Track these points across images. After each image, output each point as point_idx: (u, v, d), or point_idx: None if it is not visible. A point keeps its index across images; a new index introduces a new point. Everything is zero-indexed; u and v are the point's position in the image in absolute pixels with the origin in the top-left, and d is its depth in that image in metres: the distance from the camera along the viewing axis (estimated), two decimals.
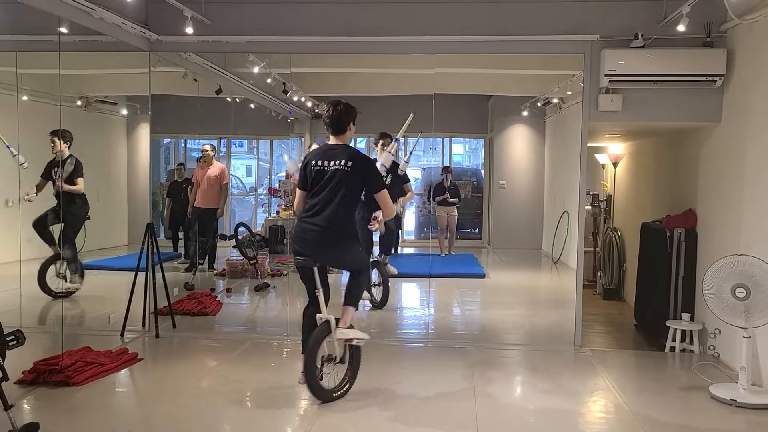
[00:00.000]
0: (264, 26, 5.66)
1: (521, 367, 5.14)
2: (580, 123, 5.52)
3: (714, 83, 5.19)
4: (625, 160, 8.32)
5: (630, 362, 5.56)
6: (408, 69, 7.21)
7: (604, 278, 8.23)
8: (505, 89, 8.98)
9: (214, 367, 4.99)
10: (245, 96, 8.33)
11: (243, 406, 4.14)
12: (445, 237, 9.43)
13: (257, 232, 8.75)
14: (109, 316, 5.84)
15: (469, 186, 10.69)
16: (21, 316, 5.02)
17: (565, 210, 8.14)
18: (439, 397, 4.27)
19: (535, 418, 4.04)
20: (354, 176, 4.02)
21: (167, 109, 7.26)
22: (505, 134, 10.17)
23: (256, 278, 7.67)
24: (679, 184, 6.34)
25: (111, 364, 4.69)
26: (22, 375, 4.32)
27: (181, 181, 8.30)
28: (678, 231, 5.82)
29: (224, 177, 7.75)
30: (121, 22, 5.28)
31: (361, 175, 4.04)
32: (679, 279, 5.81)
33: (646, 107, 5.41)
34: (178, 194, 8.20)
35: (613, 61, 5.21)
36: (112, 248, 7.49)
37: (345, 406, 4.02)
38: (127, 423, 3.80)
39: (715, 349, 5.09)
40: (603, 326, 6.80)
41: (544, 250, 9.34)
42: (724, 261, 4.31)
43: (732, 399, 4.21)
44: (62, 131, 5.83)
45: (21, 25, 5.25)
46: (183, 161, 8.98)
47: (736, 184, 5.04)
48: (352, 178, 4.02)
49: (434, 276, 7.31)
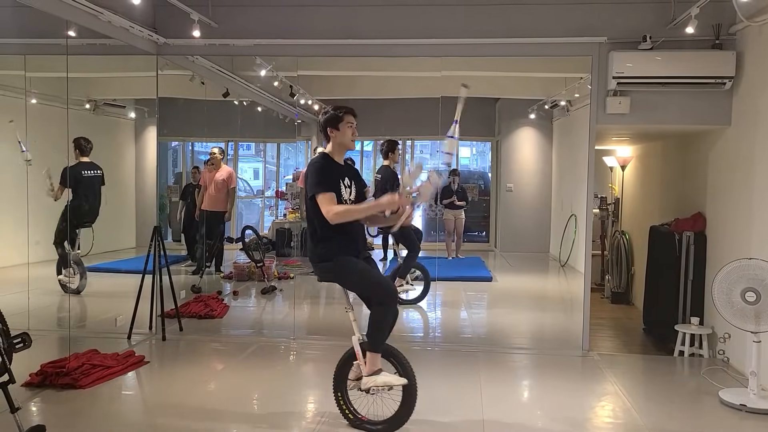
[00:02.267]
0: (271, 29, 5.68)
1: (528, 371, 5.11)
2: (587, 126, 5.50)
3: (723, 86, 5.15)
4: (633, 163, 8.27)
5: (638, 366, 5.52)
6: (415, 72, 7.20)
7: (612, 282, 8.19)
8: (512, 92, 8.95)
9: (221, 370, 4.99)
10: (252, 99, 8.35)
11: (249, 410, 4.13)
12: (452, 240, 9.40)
13: (264, 235, 8.77)
14: (116, 319, 5.85)
15: (476, 189, 10.66)
16: (29, 319, 5.03)
17: (573, 213, 8.10)
18: (446, 400, 4.25)
19: (542, 423, 4.01)
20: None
21: (175, 112, 7.28)
22: (512, 137, 10.13)
23: (262, 281, 7.67)
24: (687, 187, 6.30)
25: (118, 367, 4.70)
26: (29, 377, 4.34)
27: (197, 184, 8.34)
28: (687, 234, 5.78)
29: (232, 181, 7.76)
30: (129, 25, 5.31)
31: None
32: (688, 283, 5.77)
33: (655, 110, 5.38)
34: (192, 197, 8.23)
35: (621, 64, 5.19)
36: (119, 251, 7.50)
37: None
38: (133, 426, 3.80)
39: (725, 353, 5.04)
40: (611, 330, 6.76)
41: (551, 254, 9.29)
42: (733, 264, 4.27)
43: (742, 404, 4.17)
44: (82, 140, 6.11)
45: (29, 28, 5.28)
46: (197, 165, 9.01)
47: (746, 187, 5.00)
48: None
49: (441, 279, 7.28)
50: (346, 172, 3.78)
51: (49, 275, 6.11)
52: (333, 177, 3.66)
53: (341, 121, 3.72)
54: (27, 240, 5.23)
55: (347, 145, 3.78)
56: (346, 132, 3.73)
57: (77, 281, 6.16)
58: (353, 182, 3.78)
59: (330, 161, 3.75)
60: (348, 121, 3.74)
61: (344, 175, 3.75)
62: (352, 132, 3.76)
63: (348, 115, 3.76)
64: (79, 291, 6.15)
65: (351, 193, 3.76)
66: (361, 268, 3.61)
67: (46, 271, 6.03)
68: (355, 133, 3.79)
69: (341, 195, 3.66)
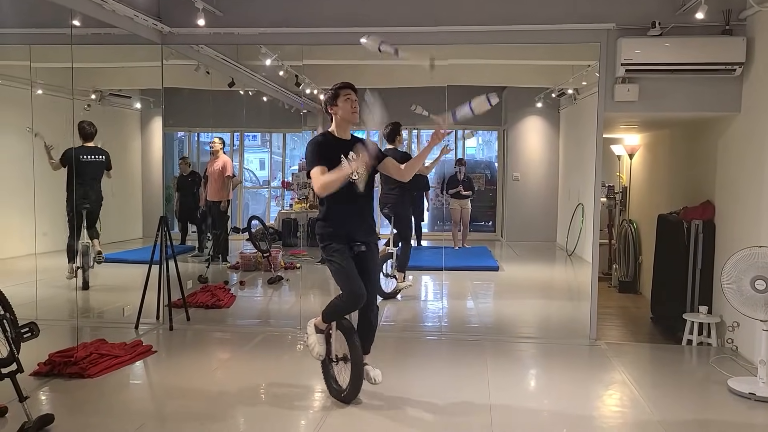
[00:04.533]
0: (276, 18, 5.64)
1: (535, 360, 5.10)
2: (595, 114, 5.45)
3: (733, 72, 5.09)
4: (642, 152, 8.21)
5: (646, 356, 5.50)
6: (421, 60, 7.15)
7: (620, 271, 8.15)
8: (518, 80, 8.88)
9: (228, 359, 5.00)
10: (258, 89, 8.32)
11: (256, 400, 4.14)
12: (459, 230, 9.37)
13: (270, 225, 8.77)
14: (123, 309, 5.87)
15: (482, 178, 10.62)
16: (37, 309, 5.05)
17: (580, 202, 8.06)
18: (453, 389, 4.24)
19: (549, 412, 4.00)
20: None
21: (180, 102, 7.27)
22: (519, 126, 10.07)
23: (269, 271, 7.68)
24: (696, 175, 6.25)
25: (125, 356, 4.72)
26: (38, 367, 4.36)
27: (186, 175, 8.35)
28: (695, 223, 5.74)
29: (227, 169, 7.74)
30: (133, 14, 5.28)
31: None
32: (696, 271, 5.73)
33: (664, 97, 5.33)
34: (185, 188, 8.24)
35: (629, 50, 5.13)
36: (126, 241, 7.52)
37: (358, 399, 3.99)
38: (141, 415, 3.81)
39: (734, 342, 5.01)
40: (618, 319, 6.73)
41: (558, 243, 9.26)
42: (743, 253, 4.23)
43: (751, 393, 4.15)
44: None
45: (34, 17, 5.26)
46: (186, 155, 9.01)
47: (756, 174, 4.95)
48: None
49: (448, 269, 7.27)
50: (352, 147, 3.75)
51: (56, 266, 6.14)
52: (328, 154, 3.69)
53: (338, 96, 3.79)
54: (34, 231, 5.24)
55: (348, 118, 3.80)
56: (344, 105, 3.77)
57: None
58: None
59: (329, 138, 3.80)
60: (345, 94, 3.79)
61: (347, 151, 3.73)
62: (351, 105, 3.78)
63: (344, 89, 3.81)
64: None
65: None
66: (339, 261, 3.74)
67: (53, 261, 6.05)
68: (356, 106, 3.80)
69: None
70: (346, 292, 3.76)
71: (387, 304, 6.58)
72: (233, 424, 3.75)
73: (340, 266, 3.75)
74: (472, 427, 3.66)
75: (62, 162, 5.80)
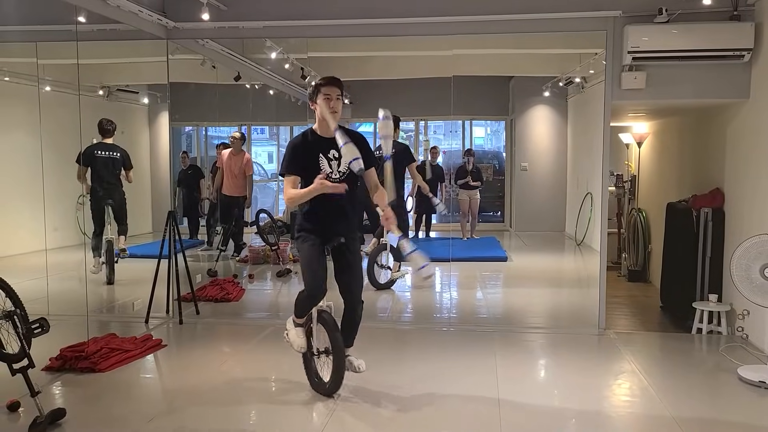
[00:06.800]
0: (280, 10, 5.62)
1: (544, 350, 5.09)
2: (602, 102, 5.41)
3: (742, 58, 5.03)
4: (650, 140, 8.15)
5: (656, 344, 5.48)
6: (426, 51, 7.12)
7: (629, 260, 8.12)
8: (525, 70, 8.84)
9: (237, 352, 5.03)
10: (264, 82, 8.32)
11: (266, 393, 4.16)
12: (467, 220, 9.37)
13: (278, 219, 8.78)
14: (133, 303, 5.92)
15: (490, 169, 10.60)
16: (48, 304, 5.10)
17: (589, 191, 8.02)
18: (462, 380, 4.24)
19: (559, 401, 4.00)
20: None
21: (186, 97, 7.28)
22: (526, 116, 10.03)
23: (278, 264, 7.71)
24: (705, 163, 6.20)
25: (136, 351, 4.75)
26: (49, 362, 4.40)
27: (186, 169, 8.38)
28: (705, 211, 5.70)
29: (249, 168, 7.75)
30: (138, 9, 5.28)
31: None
32: (705, 259, 5.70)
33: (671, 84, 5.28)
34: (186, 182, 8.28)
35: (636, 38, 5.08)
36: (136, 236, 7.56)
37: (366, 390, 4.01)
38: (152, 409, 3.84)
39: (744, 330, 4.99)
40: (628, 308, 6.71)
41: (567, 233, 9.23)
42: (752, 240, 4.20)
43: (761, 381, 4.12)
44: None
45: (39, 14, 5.28)
46: (186, 149, 9.06)
47: (765, 161, 4.90)
48: None
49: (456, 260, 7.26)
50: (333, 146, 3.66)
51: (67, 261, 6.19)
52: (303, 159, 3.66)
53: (317, 94, 3.66)
54: (44, 226, 5.28)
55: (326, 117, 3.64)
56: (322, 104, 3.63)
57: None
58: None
59: (307, 139, 3.73)
60: (324, 93, 3.64)
61: (328, 149, 3.68)
62: (329, 104, 3.63)
63: (325, 86, 3.66)
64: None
65: (340, 165, 3.68)
66: (308, 251, 3.72)
67: (64, 256, 6.11)
68: (335, 105, 3.66)
69: (320, 171, 3.63)
70: (306, 285, 3.75)
71: (396, 296, 6.60)
72: (244, 417, 3.78)
73: (308, 256, 3.71)
74: (481, 418, 3.66)
75: (78, 161, 5.87)
